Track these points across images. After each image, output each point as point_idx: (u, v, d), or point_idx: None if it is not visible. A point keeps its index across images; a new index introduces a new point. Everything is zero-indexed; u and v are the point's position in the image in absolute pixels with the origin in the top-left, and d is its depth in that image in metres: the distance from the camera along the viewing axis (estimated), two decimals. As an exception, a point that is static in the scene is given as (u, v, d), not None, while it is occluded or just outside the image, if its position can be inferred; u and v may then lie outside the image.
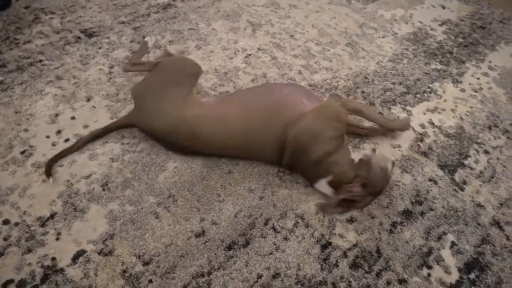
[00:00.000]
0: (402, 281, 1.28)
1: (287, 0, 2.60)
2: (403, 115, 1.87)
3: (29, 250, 1.22)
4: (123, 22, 2.19)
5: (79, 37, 2.04)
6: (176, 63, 1.67)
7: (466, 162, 1.71)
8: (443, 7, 2.81)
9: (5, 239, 1.24)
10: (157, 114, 1.47)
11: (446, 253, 1.38)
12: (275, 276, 1.24)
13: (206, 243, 1.30)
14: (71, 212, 1.33)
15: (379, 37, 2.39)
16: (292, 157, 1.45)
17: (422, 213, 1.49)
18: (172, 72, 1.59)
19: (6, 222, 1.28)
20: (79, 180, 1.42)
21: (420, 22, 2.60)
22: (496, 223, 1.50)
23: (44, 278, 1.16)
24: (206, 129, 1.44)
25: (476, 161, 1.72)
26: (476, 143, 1.81)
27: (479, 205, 1.55)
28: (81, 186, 1.41)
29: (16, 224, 1.28)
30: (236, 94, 1.68)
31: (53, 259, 1.21)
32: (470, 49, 2.43)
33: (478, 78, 2.20)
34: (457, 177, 1.64)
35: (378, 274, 1.29)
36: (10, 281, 1.15)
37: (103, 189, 1.41)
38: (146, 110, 1.50)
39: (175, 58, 1.79)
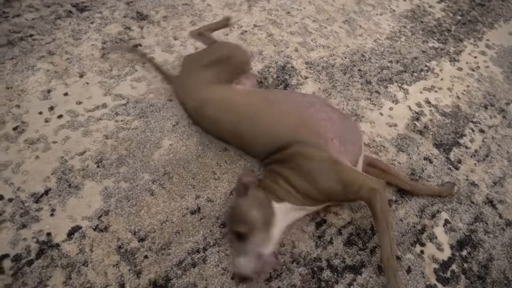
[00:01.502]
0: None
1: (284, -25, 2.54)
2: (400, 93, 1.86)
3: (24, 226, 1.22)
4: (116, -4, 2.13)
5: (70, 11, 1.99)
6: (226, 50, 1.61)
7: (461, 141, 1.71)
8: (443, -16, 2.77)
9: (-1, 215, 1.24)
10: (187, 90, 1.51)
11: (439, 231, 1.40)
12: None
13: (202, 220, 1.30)
14: (65, 188, 1.32)
15: (377, 14, 2.35)
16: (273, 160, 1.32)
17: (417, 191, 1.49)
18: (218, 56, 1.55)
19: (-1, 198, 1.28)
20: (73, 156, 1.41)
21: (419, -1, 2.56)
22: (490, 202, 1.51)
23: (40, 253, 1.16)
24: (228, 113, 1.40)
25: (472, 140, 1.73)
26: (472, 122, 1.81)
27: (473, 183, 1.56)
28: (75, 162, 1.39)
29: (10, 200, 1.27)
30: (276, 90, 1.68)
31: (48, 234, 1.21)
32: (468, 27, 2.40)
33: (475, 57, 2.18)
34: (452, 156, 1.65)
35: (372, 251, 1.30)
36: (6, 255, 1.15)
37: (98, 166, 1.39)
38: (181, 82, 1.56)
39: (227, 44, 1.76)
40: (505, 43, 2.32)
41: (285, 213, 1.20)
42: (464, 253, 1.36)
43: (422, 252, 1.33)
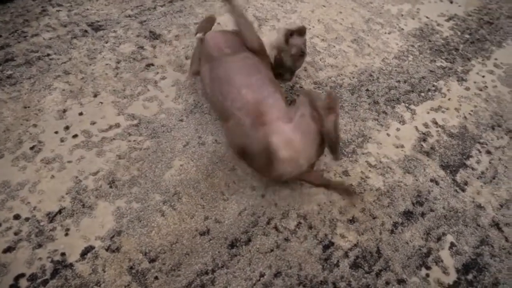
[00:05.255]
0: (401, 281, 1.32)
1: (294, -6, 2.59)
2: (407, 114, 1.88)
3: (40, 245, 1.26)
4: (129, 16, 2.19)
5: (86, 31, 2.05)
6: None
7: (468, 162, 1.73)
8: (451, 2, 2.79)
9: (15, 234, 1.28)
10: None
11: (445, 254, 1.41)
12: (277, 275, 1.28)
13: (211, 241, 1.33)
14: (79, 208, 1.37)
15: (385, 33, 2.38)
16: None
17: (423, 214, 1.51)
18: None
19: (16, 217, 1.32)
20: (87, 176, 1.45)
21: (427, 17, 2.59)
22: (496, 225, 1.52)
23: (54, 273, 1.20)
24: None
25: (478, 162, 1.74)
26: (479, 143, 1.82)
27: (480, 206, 1.58)
28: (89, 182, 1.44)
29: (27, 219, 1.31)
30: None
31: (63, 254, 1.25)
32: (477, 46, 2.42)
33: (483, 76, 2.20)
34: (458, 177, 1.66)
35: (378, 274, 1.32)
36: (22, 275, 1.19)
37: (110, 186, 1.44)
38: None
39: None
40: (513, 62, 2.34)
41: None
42: (470, 277, 1.37)
43: (427, 275, 1.35)
